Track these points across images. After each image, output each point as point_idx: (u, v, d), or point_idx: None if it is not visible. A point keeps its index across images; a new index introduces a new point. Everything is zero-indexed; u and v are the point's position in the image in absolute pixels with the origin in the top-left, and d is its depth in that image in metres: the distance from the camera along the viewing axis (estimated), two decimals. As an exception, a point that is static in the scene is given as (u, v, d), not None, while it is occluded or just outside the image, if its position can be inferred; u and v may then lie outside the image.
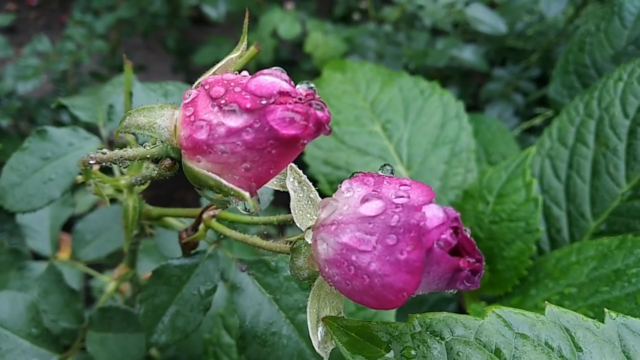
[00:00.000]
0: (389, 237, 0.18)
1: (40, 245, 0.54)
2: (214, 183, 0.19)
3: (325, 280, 0.21)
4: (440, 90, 0.65)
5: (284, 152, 0.19)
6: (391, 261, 0.18)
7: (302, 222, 0.21)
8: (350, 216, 0.19)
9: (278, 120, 0.18)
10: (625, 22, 0.79)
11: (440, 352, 0.20)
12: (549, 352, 0.21)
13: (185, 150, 0.19)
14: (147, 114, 0.20)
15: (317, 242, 0.20)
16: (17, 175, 0.39)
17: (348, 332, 0.21)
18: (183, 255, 0.33)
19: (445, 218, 0.18)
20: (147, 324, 0.32)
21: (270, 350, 0.32)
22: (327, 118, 0.19)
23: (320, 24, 1.27)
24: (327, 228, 0.20)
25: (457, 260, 0.18)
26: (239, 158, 0.19)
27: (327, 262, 0.19)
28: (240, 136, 0.18)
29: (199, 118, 0.19)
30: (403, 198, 0.19)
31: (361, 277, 0.18)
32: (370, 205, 0.19)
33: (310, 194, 0.22)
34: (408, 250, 0.17)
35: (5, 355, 0.42)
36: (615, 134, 0.53)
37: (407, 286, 0.17)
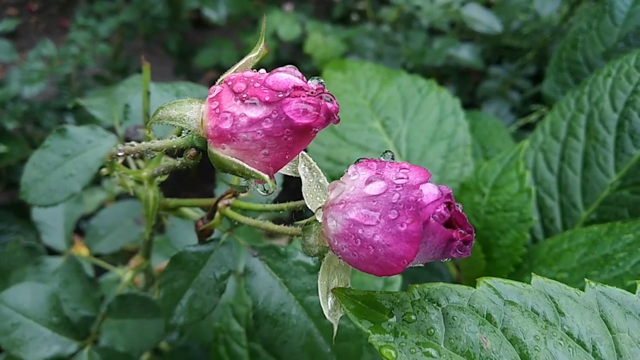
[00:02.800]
0: (390, 212, 0.20)
1: (55, 240, 0.57)
2: (237, 167, 0.22)
3: (334, 256, 0.24)
4: (437, 88, 0.67)
5: (298, 140, 0.21)
6: (393, 233, 0.20)
7: (312, 204, 0.24)
8: (356, 196, 0.22)
9: (293, 111, 0.20)
10: (616, 20, 0.82)
11: (437, 317, 0.23)
12: (535, 316, 0.24)
13: (211, 139, 0.22)
14: (177, 107, 0.23)
15: (327, 220, 0.22)
16: (39, 171, 0.41)
17: (355, 301, 0.23)
18: (199, 243, 0.35)
19: (439, 194, 0.20)
20: (166, 307, 0.35)
21: (281, 329, 0.35)
22: (336, 109, 0.21)
23: (320, 25, 1.30)
24: (335, 207, 0.22)
25: (450, 232, 0.20)
26: (259, 145, 0.21)
27: (337, 237, 0.22)
28: (260, 125, 0.21)
29: (223, 110, 0.21)
30: (403, 179, 0.21)
31: (367, 248, 0.21)
32: (374, 186, 0.21)
33: (320, 180, 0.25)
34: (407, 222, 0.20)
35: (28, 342, 0.44)
36: (605, 127, 0.56)
37: (407, 254, 0.20)
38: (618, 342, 0.23)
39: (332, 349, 0.36)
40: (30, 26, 2.08)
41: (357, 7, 1.62)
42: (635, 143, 0.53)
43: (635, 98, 0.54)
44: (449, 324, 0.23)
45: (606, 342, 0.23)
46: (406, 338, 0.22)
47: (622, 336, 0.24)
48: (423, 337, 0.22)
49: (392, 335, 0.22)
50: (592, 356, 0.23)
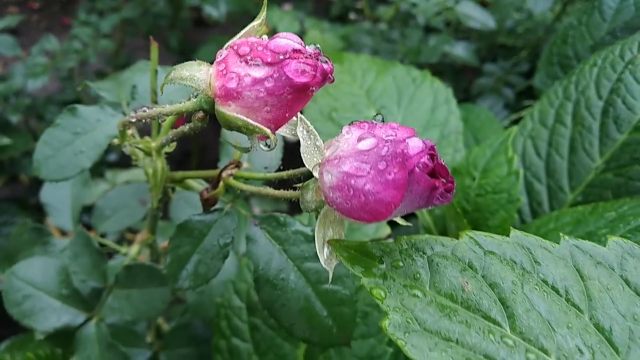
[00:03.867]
0: (380, 163, 0.23)
1: (62, 222, 0.59)
2: (242, 123, 0.24)
3: (329, 210, 0.26)
4: (431, 78, 0.70)
5: (297, 98, 0.23)
6: (382, 181, 0.22)
7: (310, 163, 0.26)
8: (349, 151, 0.24)
9: (292, 71, 0.23)
10: (605, 16, 0.84)
11: (423, 264, 0.25)
12: (513, 265, 0.26)
13: (219, 97, 0.24)
14: (188, 68, 0.25)
15: (323, 174, 0.25)
16: (50, 148, 0.43)
17: (348, 250, 0.26)
18: (203, 212, 0.38)
19: (424, 147, 0.23)
20: (172, 272, 0.37)
21: (280, 292, 0.37)
22: (331, 69, 0.23)
23: (318, 23, 1.33)
24: (331, 162, 0.24)
25: (433, 181, 0.22)
26: (261, 103, 0.23)
27: (332, 188, 0.24)
28: (263, 84, 0.23)
29: (229, 71, 0.24)
30: (391, 136, 0.23)
31: (358, 197, 0.23)
32: (365, 142, 0.24)
33: (317, 142, 0.27)
34: (395, 172, 0.22)
35: (38, 313, 0.46)
36: (590, 114, 0.58)
37: (394, 199, 0.22)
38: (589, 288, 0.26)
39: (328, 313, 0.38)
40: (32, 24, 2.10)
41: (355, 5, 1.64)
42: (618, 128, 0.55)
43: (619, 86, 0.57)
44: (434, 270, 0.25)
45: (578, 288, 0.26)
46: (394, 281, 0.25)
47: (592, 283, 0.26)
48: (410, 281, 0.25)
49: (382, 279, 0.25)
50: (565, 300, 0.25)
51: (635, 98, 0.55)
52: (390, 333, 0.23)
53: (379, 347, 0.47)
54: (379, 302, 0.24)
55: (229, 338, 0.52)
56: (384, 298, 0.24)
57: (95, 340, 0.45)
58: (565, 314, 0.25)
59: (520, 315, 0.24)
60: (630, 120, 0.55)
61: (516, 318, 0.24)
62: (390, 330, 0.23)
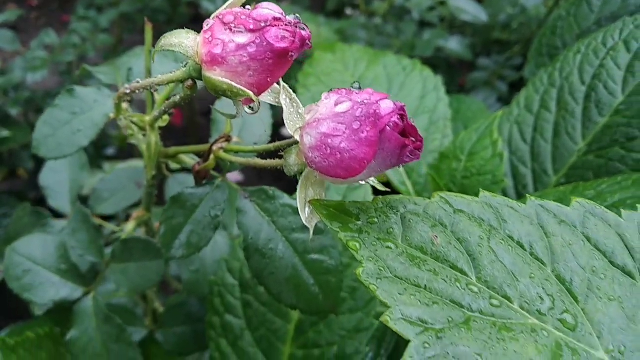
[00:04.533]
0: (354, 123, 0.24)
1: (60, 204, 0.60)
2: (227, 87, 0.26)
3: (310, 172, 0.28)
4: (421, 67, 0.71)
5: (278, 63, 0.25)
6: (356, 140, 0.24)
7: (292, 128, 0.28)
8: (327, 114, 0.26)
9: (273, 37, 0.24)
10: (593, 7, 0.86)
11: (396, 220, 0.27)
12: (481, 222, 0.28)
13: (205, 63, 0.26)
14: (177, 36, 0.27)
15: (304, 136, 0.26)
16: (49, 128, 0.45)
17: (328, 208, 0.27)
18: (196, 185, 0.39)
19: (394, 108, 0.24)
20: (166, 242, 0.39)
21: (269, 261, 0.39)
22: (309, 36, 0.25)
23: (314, 17, 1.34)
24: (310, 125, 0.26)
25: (403, 140, 0.24)
26: (245, 67, 0.25)
27: (311, 149, 0.26)
28: (246, 49, 0.25)
29: (215, 38, 0.25)
30: (366, 100, 0.25)
31: (335, 155, 0.25)
32: (342, 106, 0.25)
33: (299, 110, 0.29)
34: (367, 130, 0.24)
35: (37, 287, 0.48)
36: (574, 99, 0.60)
37: (367, 156, 0.24)
38: (552, 244, 0.28)
39: (314, 281, 0.40)
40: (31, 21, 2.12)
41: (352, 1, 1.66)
42: (600, 112, 0.57)
43: (601, 71, 0.59)
44: (406, 226, 0.27)
45: (542, 244, 0.27)
46: (369, 235, 0.26)
47: (555, 239, 0.28)
48: (384, 235, 0.26)
49: (358, 233, 0.26)
50: (529, 254, 0.27)
51: (616, 83, 0.57)
52: (364, 279, 0.24)
53: (366, 320, 0.49)
54: (355, 253, 0.25)
55: (222, 315, 0.53)
56: (359, 249, 0.25)
57: (93, 313, 0.47)
58: (528, 266, 0.27)
59: (486, 266, 0.26)
60: (612, 104, 0.57)
61: (482, 268, 0.26)
62: (364, 277, 0.24)
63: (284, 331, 0.52)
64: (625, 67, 0.57)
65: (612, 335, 0.26)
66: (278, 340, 0.52)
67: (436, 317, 0.24)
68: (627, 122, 0.54)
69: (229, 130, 0.37)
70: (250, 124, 0.42)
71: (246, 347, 0.52)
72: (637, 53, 0.57)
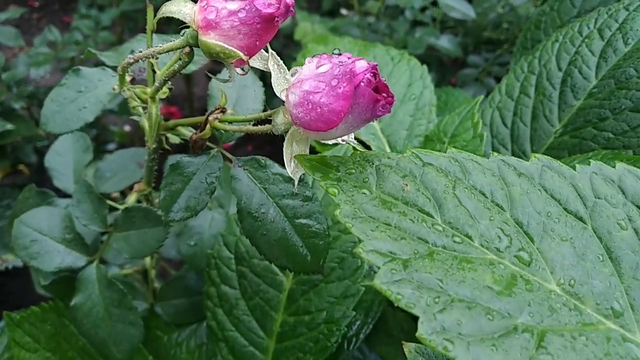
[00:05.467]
0: (332, 81, 0.28)
1: (65, 184, 0.64)
2: (220, 49, 0.29)
3: (296, 129, 0.31)
4: (408, 57, 0.75)
5: (265, 27, 0.28)
6: (333, 94, 0.27)
7: (279, 90, 0.31)
8: (309, 75, 0.29)
9: (261, 4, 0.28)
10: (575, 3, 0.90)
11: (371, 171, 0.30)
12: (447, 173, 0.31)
13: (200, 28, 0.29)
14: (176, 4, 0.30)
15: (289, 95, 0.30)
16: (56, 105, 0.48)
17: (310, 161, 0.31)
18: (193, 154, 0.43)
19: (368, 67, 0.28)
20: (166, 206, 0.42)
21: (260, 224, 0.42)
22: (292, 3, 0.29)
23: (309, 16, 1.38)
24: (295, 85, 0.29)
25: (376, 95, 0.28)
26: (236, 31, 0.28)
27: (295, 105, 0.29)
28: (237, 15, 0.28)
29: (209, 5, 0.29)
30: (344, 61, 0.28)
31: (315, 109, 0.28)
32: (322, 67, 0.29)
33: (286, 75, 0.32)
34: (344, 86, 0.27)
35: (44, 255, 0.51)
36: (551, 84, 0.64)
37: (343, 108, 0.27)
38: (511, 192, 0.31)
39: (303, 244, 0.43)
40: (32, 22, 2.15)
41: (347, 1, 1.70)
42: (575, 95, 0.61)
43: (577, 58, 0.62)
44: (380, 176, 0.30)
45: (502, 192, 0.31)
46: (347, 183, 0.30)
47: (514, 188, 0.31)
48: (360, 183, 0.30)
49: (336, 182, 0.30)
50: (490, 201, 0.30)
51: (590, 68, 0.61)
52: (341, 218, 0.28)
53: (352, 287, 0.52)
54: (333, 198, 0.29)
55: (218, 285, 0.57)
56: (337, 194, 0.29)
57: (96, 280, 0.50)
58: (489, 210, 0.30)
59: (450, 209, 0.29)
60: (586, 88, 0.60)
61: (446, 211, 0.29)
62: (341, 217, 0.28)
63: (277, 300, 0.55)
64: (599, 54, 0.61)
65: (564, 271, 0.29)
66: (271, 309, 0.55)
67: (403, 250, 0.27)
68: (600, 104, 0.58)
69: (224, 102, 0.41)
70: (244, 99, 0.45)
71: (241, 315, 0.55)
72: (609, 40, 0.61)
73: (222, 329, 0.55)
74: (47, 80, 1.75)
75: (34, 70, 1.17)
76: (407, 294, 0.25)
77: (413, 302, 0.25)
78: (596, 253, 0.29)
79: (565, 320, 0.27)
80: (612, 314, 0.28)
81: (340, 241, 0.54)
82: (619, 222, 0.30)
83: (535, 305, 0.27)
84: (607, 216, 0.30)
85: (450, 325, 0.24)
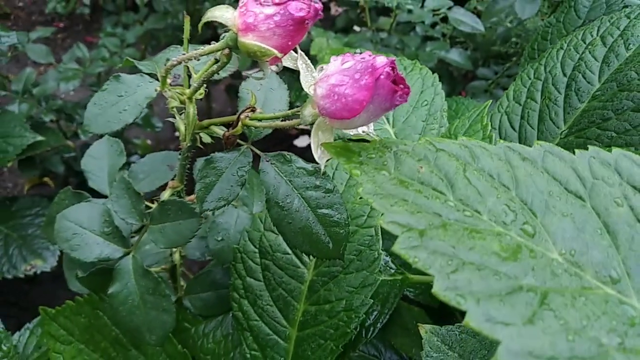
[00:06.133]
0: (356, 74, 0.32)
1: (99, 185, 0.68)
2: (257, 48, 0.33)
3: (322, 120, 0.35)
4: (420, 66, 0.79)
5: (297, 29, 0.33)
6: (356, 86, 0.31)
7: (307, 86, 0.35)
8: (335, 70, 0.33)
9: (294, 8, 0.32)
10: (580, 14, 0.94)
11: (390, 156, 0.34)
12: (458, 158, 0.34)
13: (240, 31, 0.33)
14: (218, 9, 0.34)
15: (316, 89, 0.34)
16: (98, 108, 0.53)
17: (335, 148, 0.34)
18: (225, 150, 0.47)
19: (387, 61, 0.31)
20: (201, 196, 0.46)
21: (286, 213, 0.46)
22: (321, 8, 0.33)
23: (324, 32, 1.44)
24: (322, 79, 0.33)
25: (394, 86, 0.31)
26: (271, 32, 0.33)
27: (322, 97, 0.33)
28: (272, 18, 0.32)
29: (248, 10, 0.33)
30: (365, 58, 0.32)
31: (340, 100, 0.32)
32: (347, 64, 0.33)
33: (313, 73, 0.36)
34: (366, 78, 0.31)
35: (84, 247, 0.55)
36: (556, 89, 0.67)
37: (365, 97, 0.31)
38: (516, 174, 0.34)
39: (325, 232, 0.46)
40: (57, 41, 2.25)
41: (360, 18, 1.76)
42: (579, 98, 0.64)
43: (580, 63, 0.66)
44: (397, 160, 0.34)
45: (507, 174, 0.34)
46: (368, 166, 0.33)
47: (519, 170, 0.34)
48: (379, 166, 0.33)
49: (359, 165, 0.33)
50: (498, 182, 0.34)
51: (593, 72, 0.64)
52: (364, 194, 0.31)
53: (370, 277, 0.55)
54: (356, 178, 0.32)
55: (244, 278, 0.60)
56: (359, 175, 0.32)
57: (132, 270, 0.54)
58: (496, 189, 0.33)
59: (460, 188, 0.33)
60: (589, 91, 0.64)
61: (457, 190, 0.33)
62: (364, 193, 0.31)
63: (299, 291, 0.58)
64: (601, 59, 0.64)
65: (565, 242, 0.32)
66: (293, 299, 0.58)
67: (419, 222, 0.30)
68: (603, 105, 0.61)
69: (254, 102, 0.45)
70: (271, 101, 0.49)
71: (265, 305, 0.59)
72: (612, 46, 0.64)
73: (247, 319, 0.59)
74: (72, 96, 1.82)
75: (63, 85, 1.23)
76: (422, 257, 0.29)
77: (428, 264, 0.28)
78: (595, 227, 0.33)
79: (566, 284, 0.30)
80: (610, 280, 0.31)
81: (358, 235, 0.58)
82: (616, 200, 0.34)
83: (539, 270, 0.30)
84: (604, 195, 0.34)
85: (462, 283, 0.28)
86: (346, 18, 1.73)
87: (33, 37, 1.31)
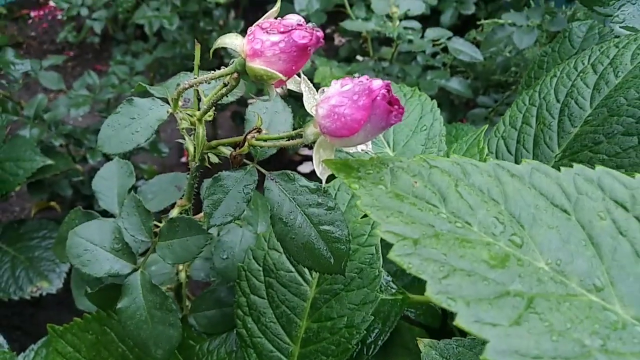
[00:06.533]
0: (354, 96, 0.34)
1: (109, 205, 0.70)
2: (264, 72, 0.36)
3: (323, 139, 0.38)
4: (419, 92, 0.82)
5: (300, 55, 0.36)
6: (355, 106, 0.34)
7: (309, 107, 0.38)
8: (335, 92, 0.36)
9: (297, 36, 0.35)
10: (574, 44, 0.98)
11: (386, 172, 0.36)
12: (450, 174, 0.37)
13: (248, 56, 0.36)
14: (229, 37, 0.37)
15: (318, 110, 0.36)
16: (112, 129, 0.56)
17: (336, 164, 0.37)
18: (232, 170, 0.49)
19: (383, 84, 0.34)
20: (209, 212, 0.48)
21: (290, 228, 0.48)
22: (322, 36, 0.36)
23: (327, 61, 1.49)
24: (323, 101, 0.36)
25: (389, 107, 0.34)
26: (277, 58, 0.35)
27: (323, 117, 0.36)
28: (278, 45, 0.35)
29: (256, 38, 0.36)
30: (363, 81, 0.35)
31: (340, 119, 0.35)
32: (346, 87, 0.35)
33: (315, 95, 0.39)
34: (363, 99, 0.34)
35: (94, 262, 0.57)
36: (550, 114, 0.70)
37: (363, 117, 0.34)
38: (505, 189, 0.36)
39: (327, 247, 0.48)
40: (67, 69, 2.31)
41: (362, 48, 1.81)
42: (572, 123, 0.67)
43: (573, 90, 0.69)
44: (394, 175, 0.36)
45: (497, 190, 0.36)
46: (366, 181, 0.36)
47: (507, 186, 0.37)
48: (377, 180, 0.36)
49: (357, 179, 0.36)
50: (487, 196, 0.36)
51: (585, 99, 0.67)
52: (362, 206, 0.34)
53: (371, 294, 0.57)
54: (355, 191, 0.35)
55: (248, 295, 0.62)
56: (358, 189, 0.35)
57: (140, 285, 0.56)
58: (486, 203, 0.36)
59: (452, 202, 0.35)
60: (582, 116, 0.66)
61: (449, 203, 0.35)
62: (362, 205, 0.34)
63: (301, 308, 0.60)
64: (592, 86, 0.67)
65: (551, 252, 0.34)
66: (296, 316, 0.60)
67: (413, 231, 0.33)
68: (594, 130, 0.64)
69: (260, 124, 0.48)
70: (276, 123, 0.52)
71: (268, 322, 0.60)
72: (602, 74, 0.67)
73: (250, 336, 0.60)
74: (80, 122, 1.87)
75: (74, 110, 1.27)
76: (416, 263, 0.31)
77: (422, 270, 0.30)
78: (579, 239, 0.35)
79: (552, 290, 0.32)
80: (594, 288, 0.33)
81: (359, 253, 0.60)
82: (599, 213, 0.36)
83: (526, 277, 0.32)
84: (588, 209, 0.36)
85: (453, 288, 0.30)
86: (349, 48, 1.78)
87: (45, 64, 1.36)
